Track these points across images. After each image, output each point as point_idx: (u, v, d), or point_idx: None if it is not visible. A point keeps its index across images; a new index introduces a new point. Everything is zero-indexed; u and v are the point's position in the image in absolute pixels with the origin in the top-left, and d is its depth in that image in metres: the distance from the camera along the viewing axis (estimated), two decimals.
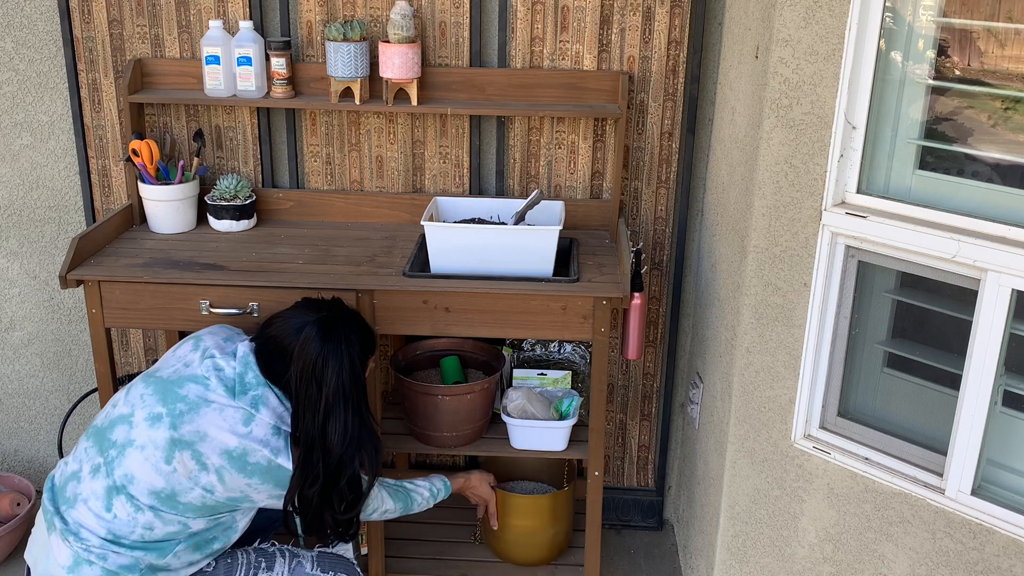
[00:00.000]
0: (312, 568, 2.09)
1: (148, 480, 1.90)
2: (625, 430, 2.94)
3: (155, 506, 1.90)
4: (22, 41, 2.66)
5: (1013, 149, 1.76)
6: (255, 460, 1.92)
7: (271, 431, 1.94)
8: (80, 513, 1.92)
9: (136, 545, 1.91)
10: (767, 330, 2.08)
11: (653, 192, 2.68)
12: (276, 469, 1.94)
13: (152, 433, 1.91)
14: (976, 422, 1.79)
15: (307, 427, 1.95)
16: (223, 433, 1.91)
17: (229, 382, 1.96)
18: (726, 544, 2.29)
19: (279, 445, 1.94)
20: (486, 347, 2.63)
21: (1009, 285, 1.71)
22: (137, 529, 1.91)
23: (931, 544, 1.89)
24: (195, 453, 1.90)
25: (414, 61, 2.46)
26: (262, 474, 1.93)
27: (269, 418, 1.94)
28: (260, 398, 1.96)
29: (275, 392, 1.98)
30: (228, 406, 1.93)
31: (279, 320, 2.05)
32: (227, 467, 1.91)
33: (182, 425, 1.91)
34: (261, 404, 1.95)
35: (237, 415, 1.93)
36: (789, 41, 1.90)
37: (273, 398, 1.97)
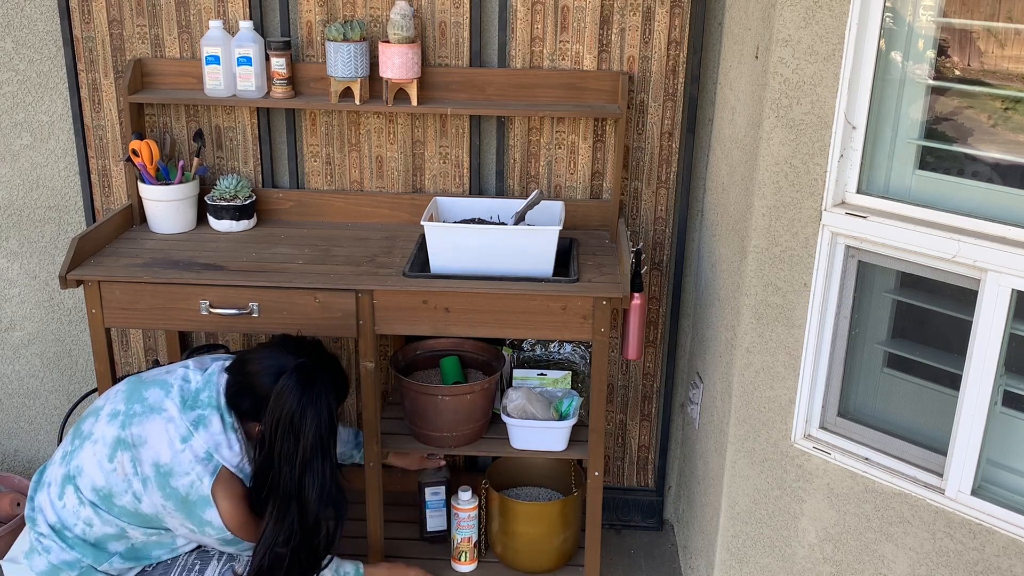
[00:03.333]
0: (244, 570, 2.06)
1: (92, 475, 1.92)
2: (625, 430, 2.94)
3: (95, 503, 1.92)
4: (22, 41, 2.66)
5: (1013, 149, 1.76)
6: (176, 484, 1.90)
7: (203, 455, 1.92)
8: (42, 498, 1.97)
9: (77, 541, 1.93)
10: (767, 330, 2.08)
11: (653, 192, 2.68)
12: (194, 501, 1.91)
13: (105, 429, 1.93)
14: (976, 422, 1.79)
15: (284, 481, 1.92)
16: (161, 444, 1.91)
17: (186, 394, 1.95)
18: (726, 544, 2.29)
19: (204, 473, 1.91)
20: (486, 347, 2.63)
21: (1009, 285, 1.71)
22: (79, 523, 1.93)
23: (931, 544, 1.89)
24: (134, 456, 1.90)
25: (414, 61, 2.46)
26: (177, 502, 1.92)
27: (205, 441, 1.92)
28: (204, 419, 1.94)
29: (224, 419, 1.95)
30: (174, 418, 1.93)
31: (255, 359, 2.01)
32: (152, 480, 1.91)
33: (131, 426, 1.92)
34: (202, 425, 1.93)
35: (178, 430, 1.92)
36: (789, 41, 1.90)
37: (217, 423, 1.94)
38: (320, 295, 2.27)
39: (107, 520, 1.93)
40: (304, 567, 2.02)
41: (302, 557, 1.98)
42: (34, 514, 1.99)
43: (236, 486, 1.97)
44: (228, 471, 1.95)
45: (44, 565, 1.94)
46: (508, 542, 2.61)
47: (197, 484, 1.90)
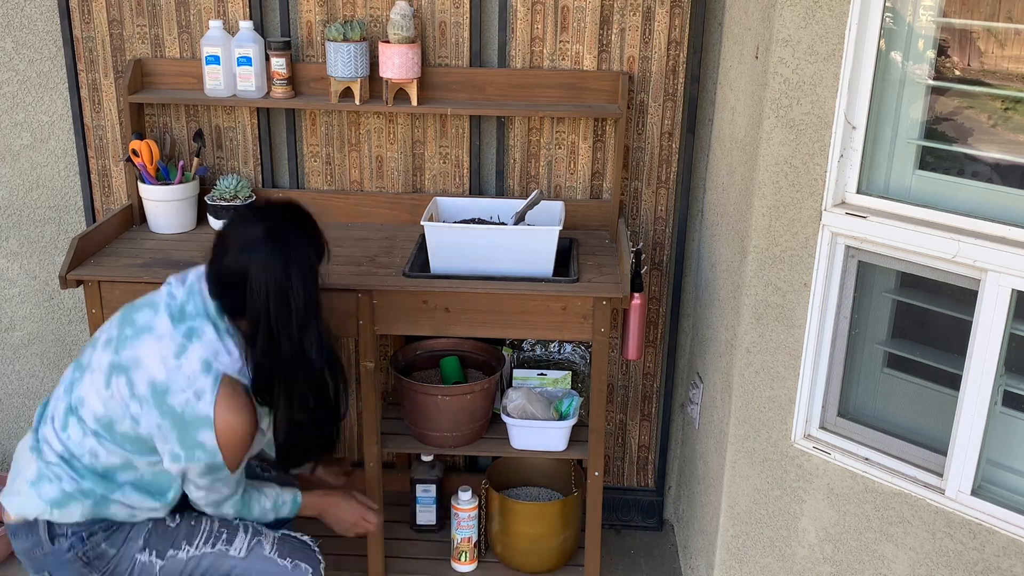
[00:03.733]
0: (271, 551, 2.03)
1: (92, 404, 1.88)
2: (625, 430, 2.94)
3: (98, 432, 1.88)
4: (22, 41, 2.66)
5: (1013, 149, 1.76)
6: (173, 402, 1.83)
7: (200, 367, 1.84)
8: (47, 430, 1.95)
9: (87, 472, 1.90)
10: (767, 330, 2.08)
11: (653, 192, 2.68)
12: (190, 421, 1.83)
13: (101, 356, 1.90)
14: (976, 422, 1.79)
15: (285, 350, 1.85)
16: (155, 362, 1.84)
17: (174, 309, 1.89)
18: (726, 544, 2.29)
19: (205, 385, 1.83)
20: (486, 347, 2.63)
21: (1009, 285, 1.71)
22: (85, 454, 1.90)
23: (931, 544, 1.89)
24: (128, 379, 1.85)
25: (414, 61, 2.46)
26: (173, 420, 1.84)
27: (201, 352, 1.85)
28: (195, 330, 1.86)
29: (218, 326, 1.88)
30: (165, 335, 1.86)
31: (223, 249, 1.89)
32: (148, 400, 1.84)
33: (124, 349, 1.87)
34: (195, 337, 1.86)
35: (172, 345, 1.85)
36: (789, 41, 1.90)
37: (211, 332, 1.87)
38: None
39: (111, 449, 1.88)
40: (324, 432, 1.99)
41: (320, 421, 1.94)
42: (40, 445, 1.94)
43: (239, 396, 1.87)
44: (230, 378, 1.87)
45: (56, 493, 1.89)
46: (508, 542, 2.61)
47: (193, 402, 1.83)
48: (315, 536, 2.14)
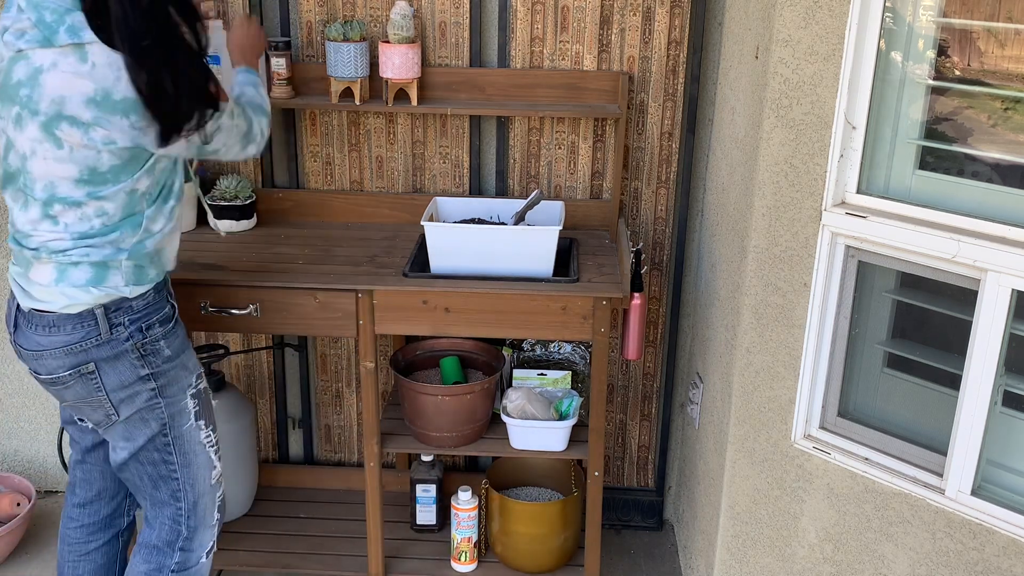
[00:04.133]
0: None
1: (59, 174, 1.75)
2: (625, 430, 2.94)
3: (90, 192, 1.77)
4: None
5: (1013, 149, 1.76)
6: (117, 92, 1.69)
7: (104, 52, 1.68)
8: (40, 238, 1.81)
9: (107, 231, 1.81)
10: (767, 330, 2.08)
11: (653, 192, 2.68)
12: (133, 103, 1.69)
13: (26, 135, 1.74)
14: (976, 422, 1.79)
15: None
16: (71, 82, 1.68)
17: (37, 36, 1.70)
18: (726, 544, 2.29)
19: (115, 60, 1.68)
20: (486, 347, 2.63)
21: (1009, 285, 1.71)
22: (94, 221, 1.79)
23: (931, 544, 1.89)
24: (70, 120, 1.71)
25: (414, 61, 2.46)
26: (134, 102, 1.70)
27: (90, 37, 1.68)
28: (73, 27, 1.69)
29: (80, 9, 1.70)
30: (56, 59, 1.69)
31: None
32: (102, 116, 1.70)
33: (37, 106, 1.71)
34: (79, 29, 1.69)
35: (72, 58, 1.69)
36: (789, 41, 1.90)
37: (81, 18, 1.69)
38: (320, 295, 2.27)
39: (114, 194, 1.78)
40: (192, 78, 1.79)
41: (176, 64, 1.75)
42: (37, 251, 1.82)
43: None
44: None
45: (88, 272, 1.81)
46: (508, 542, 2.61)
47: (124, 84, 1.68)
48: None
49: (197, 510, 2.07)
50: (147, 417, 1.94)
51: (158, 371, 1.92)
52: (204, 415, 2.03)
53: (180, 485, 2.03)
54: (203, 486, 2.06)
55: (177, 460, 2.01)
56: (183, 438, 2.00)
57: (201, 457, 2.03)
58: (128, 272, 1.86)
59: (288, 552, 2.68)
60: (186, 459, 2.02)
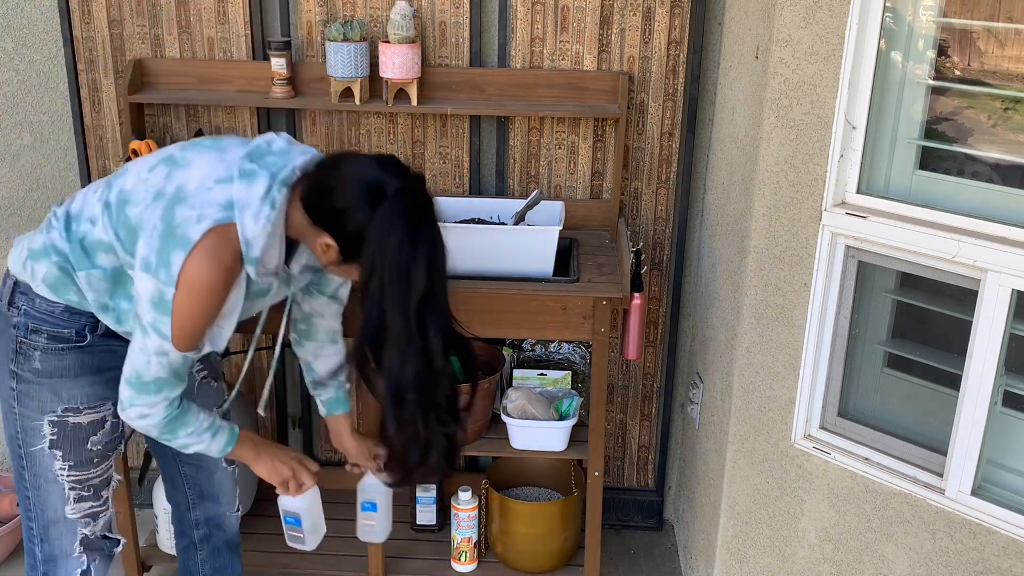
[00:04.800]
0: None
1: (128, 178, 1.76)
2: (625, 430, 2.94)
3: (110, 203, 1.75)
4: (22, 41, 2.66)
5: (1013, 149, 1.76)
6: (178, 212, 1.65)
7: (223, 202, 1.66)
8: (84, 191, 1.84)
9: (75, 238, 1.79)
10: (767, 330, 2.08)
11: (653, 192, 2.68)
12: (178, 236, 1.64)
13: (169, 148, 1.80)
14: (976, 422, 1.79)
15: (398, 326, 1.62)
16: (198, 173, 1.69)
17: (256, 150, 1.72)
18: (726, 544, 2.29)
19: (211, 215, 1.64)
20: (486, 347, 2.63)
21: (1009, 285, 1.71)
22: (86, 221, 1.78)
23: (931, 544, 1.89)
24: (170, 172, 1.71)
25: (414, 61, 2.46)
26: (166, 228, 1.65)
27: (234, 193, 1.66)
28: (252, 174, 1.67)
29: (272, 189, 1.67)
30: (227, 160, 1.70)
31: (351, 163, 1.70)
32: (165, 197, 1.68)
33: (188, 150, 1.75)
34: (245, 178, 1.67)
35: (222, 170, 1.69)
36: (789, 41, 1.90)
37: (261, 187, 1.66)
38: None
39: (106, 226, 1.74)
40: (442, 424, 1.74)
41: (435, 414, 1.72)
42: (65, 200, 1.85)
43: (226, 252, 1.66)
44: (232, 233, 1.66)
45: (40, 243, 1.80)
46: (508, 542, 2.61)
47: (192, 222, 1.64)
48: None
49: (50, 536, 1.93)
50: (6, 412, 1.87)
51: (22, 375, 1.83)
52: (64, 449, 1.87)
53: (31, 504, 1.91)
54: (54, 514, 1.91)
55: (28, 478, 1.89)
56: (34, 459, 1.87)
57: (53, 487, 1.88)
58: (52, 275, 1.79)
59: (288, 552, 2.66)
60: (36, 481, 1.89)
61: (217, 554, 2.22)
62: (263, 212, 1.65)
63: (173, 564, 2.63)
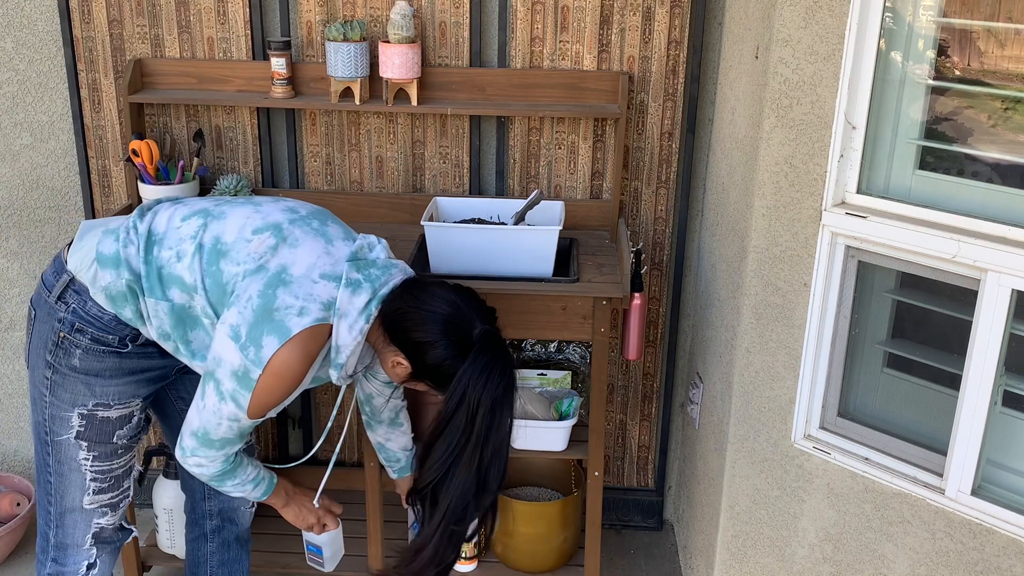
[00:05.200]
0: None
1: (227, 229, 1.78)
2: (625, 430, 2.94)
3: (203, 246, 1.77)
4: (22, 41, 2.66)
5: (1013, 149, 1.76)
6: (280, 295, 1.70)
7: (325, 301, 1.71)
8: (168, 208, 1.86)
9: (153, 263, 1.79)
10: (767, 330, 2.08)
11: (653, 192, 2.68)
12: (275, 321, 1.68)
13: (274, 210, 1.82)
14: (976, 422, 1.79)
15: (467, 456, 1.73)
16: (304, 260, 1.74)
17: (361, 254, 1.78)
18: (726, 544, 2.29)
19: (313, 313, 1.69)
20: None
21: (1009, 285, 1.71)
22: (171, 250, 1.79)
23: (931, 544, 1.89)
24: (276, 247, 1.74)
25: (414, 61, 2.46)
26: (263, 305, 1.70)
27: (338, 298, 1.71)
28: (357, 285, 1.72)
29: (370, 305, 1.73)
30: (335, 257, 1.76)
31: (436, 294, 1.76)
32: (269, 275, 1.72)
33: (296, 226, 1.78)
34: (350, 288, 1.72)
35: (328, 266, 1.74)
36: (789, 41, 1.90)
37: (362, 300, 1.72)
38: None
39: (194, 269, 1.75)
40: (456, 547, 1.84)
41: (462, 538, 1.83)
42: (147, 211, 1.84)
43: (315, 348, 1.73)
44: (325, 334, 1.73)
45: (112, 252, 1.79)
46: (508, 542, 2.61)
47: (292, 313, 1.68)
48: None
49: (64, 523, 1.96)
50: (36, 399, 1.90)
51: (58, 367, 1.86)
52: (90, 440, 1.90)
53: (52, 489, 1.94)
54: (72, 503, 1.94)
55: (52, 464, 1.92)
56: (60, 446, 1.90)
57: (75, 475, 1.92)
58: (114, 286, 1.80)
59: (288, 552, 2.68)
60: (59, 468, 1.92)
61: (227, 547, 2.24)
62: (358, 325, 1.74)
63: (173, 564, 2.64)
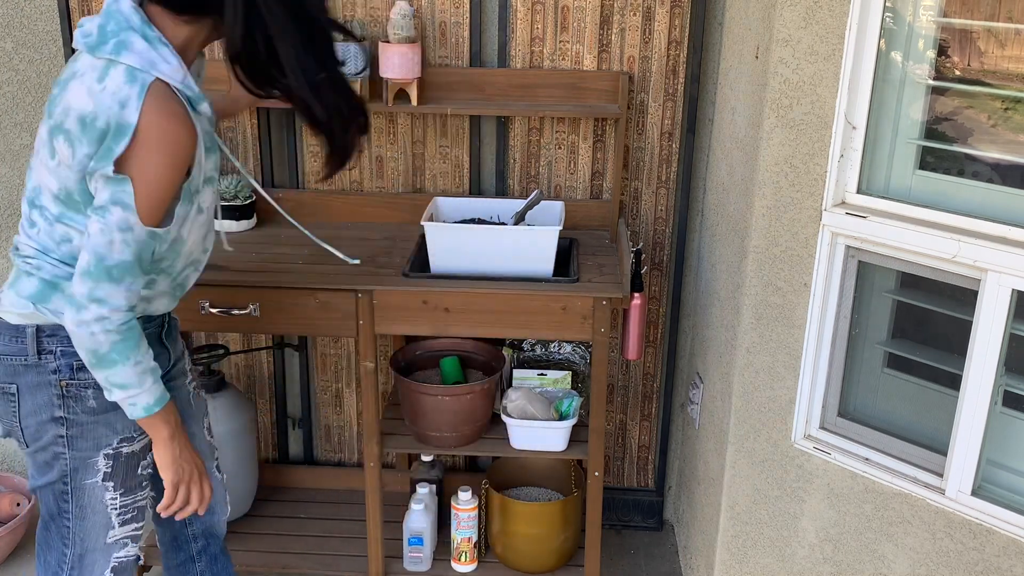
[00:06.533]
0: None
1: (47, 184, 1.67)
2: (625, 430, 2.94)
3: (63, 213, 1.67)
4: (22, 41, 2.66)
5: (1013, 149, 1.76)
6: (99, 125, 1.57)
7: (125, 78, 1.57)
8: (20, 237, 1.76)
9: (66, 258, 1.70)
10: (767, 330, 2.08)
11: (653, 192, 2.68)
12: (115, 132, 1.56)
13: (40, 131, 1.69)
14: (976, 422, 1.79)
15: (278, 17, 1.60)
16: (81, 98, 1.59)
17: (91, 41, 1.62)
18: (726, 544, 2.29)
19: (131, 93, 1.56)
20: (486, 347, 2.63)
21: (1009, 285, 1.71)
22: (58, 243, 1.70)
23: (931, 544, 1.89)
24: (65, 134, 1.61)
25: (414, 61, 2.46)
26: (97, 143, 1.58)
27: (128, 62, 1.58)
28: (122, 43, 1.59)
29: (148, 35, 1.60)
30: (88, 68, 1.61)
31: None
32: (78, 136, 1.59)
33: (54, 108, 1.64)
34: (122, 50, 1.58)
35: (94, 73, 1.59)
36: (789, 41, 1.90)
37: (139, 42, 1.59)
38: (320, 295, 2.27)
39: (81, 226, 1.66)
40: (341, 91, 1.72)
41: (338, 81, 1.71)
42: (15, 250, 1.75)
43: (173, 103, 1.60)
44: (163, 85, 1.59)
45: (35, 286, 1.70)
46: (508, 542, 2.61)
47: (117, 112, 1.56)
48: None
49: (83, 563, 1.86)
50: (49, 461, 1.77)
51: (73, 419, 1.74)
52: (117, 478, 1.80)
53: (70, 533, 1.83)
54: (94, 543, 1.85)
55: (72, 510, 1.81)
56: (83, 491, 1.79)
57: (99, 515, 1.82)
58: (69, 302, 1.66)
59: (288, 552, 2.68)
60: (82, 512, 1.81)
61: (215, 560, 2.20)
62: (166, 55, 1.61)
63: None
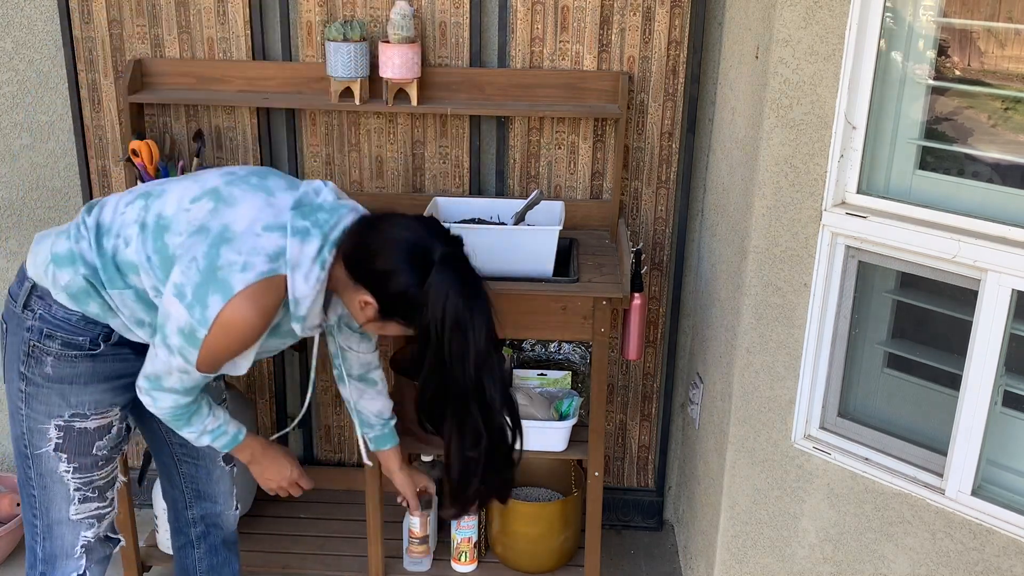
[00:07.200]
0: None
1: (167, 203, 1.76)
2: (625, 430, 2.94)
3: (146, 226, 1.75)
4: (22, 41, 2.66)
5: (1013, 149, 1.76)
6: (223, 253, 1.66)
7: (272, 253, 1.67)
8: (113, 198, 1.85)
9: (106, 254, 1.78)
10: (767, 330, 2.08)
11: (653, 192, 2.68)
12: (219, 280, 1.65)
13: (212, 177, 1.80)
14: (976, 422, 1.79)
15: (459, 382, 1.72)
16: (245, 216, 1.69)
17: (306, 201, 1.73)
18: (726, 544, 2.29)
19: (258, 267, 1.66)
20: None
21: (1009, 285, 1.71)
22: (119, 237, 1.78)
23: (931, 544, 1.89)
24: (215, 209, 1.71)
25: (414, 61, 2.46)
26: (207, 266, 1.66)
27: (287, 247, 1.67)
28: (305, 233, 1.68)
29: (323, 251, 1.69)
30: (277, 208, 1.71)
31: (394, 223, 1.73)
32: (210, 236, 1.68)
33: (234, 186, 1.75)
34: (299, 236, 1.68)
35: (271, 218, 1.70)
36: (789, 41, 1.90)
37: (313, 247, 1.68)
38: None
39: (140, 249, 1.73)
40: (500, 474, 1.85)
41: (495, 459, 1.80)
42: (94, 205, 1.83)
43: (269, 301, 1.69)
44: (278, 285, 1.68)
45: (66, 250, 1.78)
46: (508, 542, 2.61)
47: (236, 269, 1.65)
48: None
49: (52, 535, 1.92)
50: (13, 413, 1.87)
51: (31, 378, 1.83)
52: (69, 452, 1.87)
53: (36, 503, 1.91)
54: (59, 515, 1.91)
55: (35, 478, 1.89)
56: (39, 459, 1.87)
57: (59, 487, 1.89)
58: (76, 285, 1.78)
59: (288, 552, 2.68)
60: (42, 480, 1.89)
61: (215, 551, 2.22)
62: (314, 273, 1.69)
63: (173, 564, 2.63)
